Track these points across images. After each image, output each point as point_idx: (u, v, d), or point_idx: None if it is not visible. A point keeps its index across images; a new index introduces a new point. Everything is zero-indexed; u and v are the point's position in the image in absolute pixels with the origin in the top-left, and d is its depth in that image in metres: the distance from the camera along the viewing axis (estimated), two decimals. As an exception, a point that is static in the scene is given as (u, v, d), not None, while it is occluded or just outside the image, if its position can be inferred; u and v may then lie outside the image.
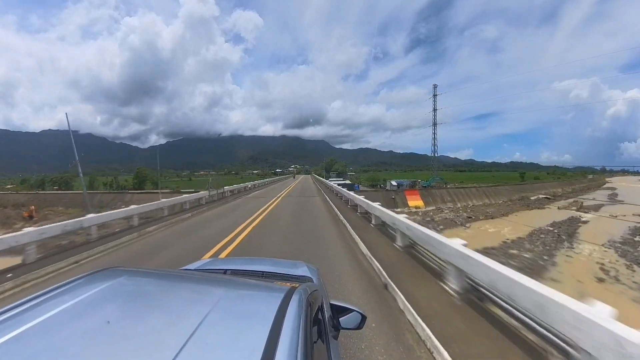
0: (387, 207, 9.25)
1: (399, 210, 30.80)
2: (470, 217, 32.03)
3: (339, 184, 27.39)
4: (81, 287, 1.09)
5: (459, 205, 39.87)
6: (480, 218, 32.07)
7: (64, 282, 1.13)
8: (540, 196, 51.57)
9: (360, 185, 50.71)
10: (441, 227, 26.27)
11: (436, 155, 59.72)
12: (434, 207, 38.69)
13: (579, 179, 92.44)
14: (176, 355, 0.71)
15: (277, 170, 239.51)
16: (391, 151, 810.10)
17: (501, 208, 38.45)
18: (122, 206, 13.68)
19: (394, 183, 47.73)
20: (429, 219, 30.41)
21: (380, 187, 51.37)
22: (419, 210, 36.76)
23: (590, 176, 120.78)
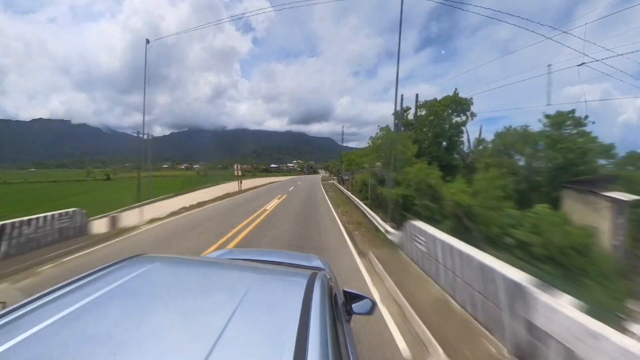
0: None
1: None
2: None
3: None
4: (117, 272, 1.16)
5: None
6: None
7: (100, 267, 1.20)
8: None
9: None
10: None
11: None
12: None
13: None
14: (219, 336, 0.79)
15: (272, 165, 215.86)
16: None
17: None
18: None
19: None
20: None
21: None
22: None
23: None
